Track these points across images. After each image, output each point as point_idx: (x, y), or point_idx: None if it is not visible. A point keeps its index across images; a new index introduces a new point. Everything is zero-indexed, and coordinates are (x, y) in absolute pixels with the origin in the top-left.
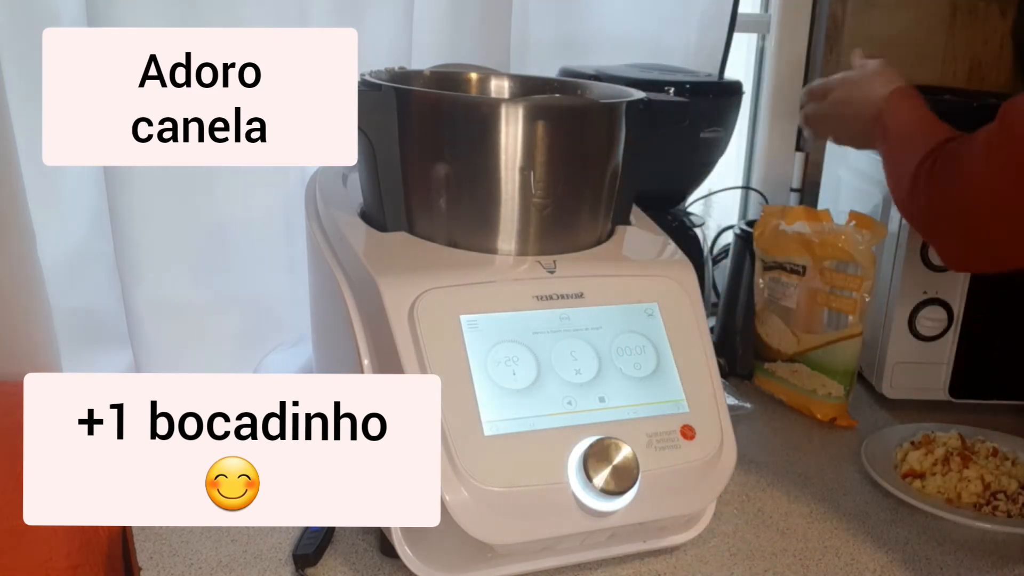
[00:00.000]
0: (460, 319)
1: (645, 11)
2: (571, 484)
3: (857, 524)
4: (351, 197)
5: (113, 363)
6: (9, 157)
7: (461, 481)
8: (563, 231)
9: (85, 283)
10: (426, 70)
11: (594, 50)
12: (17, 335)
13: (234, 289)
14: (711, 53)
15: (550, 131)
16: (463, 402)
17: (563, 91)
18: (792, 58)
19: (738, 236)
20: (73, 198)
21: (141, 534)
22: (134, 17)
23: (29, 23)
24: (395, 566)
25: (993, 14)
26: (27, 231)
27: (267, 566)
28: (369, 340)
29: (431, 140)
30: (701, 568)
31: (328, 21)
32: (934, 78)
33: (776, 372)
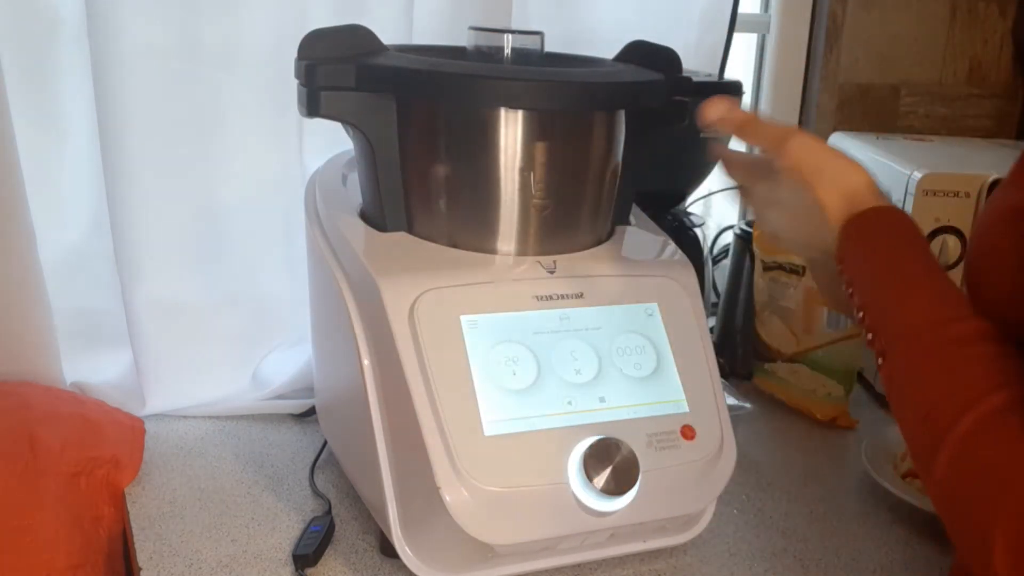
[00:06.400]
0: (460, 319)
1: (645, 11)
2: (571, 484)
3: (857, 524)
4: (351, 197)
5: (113, 363)
6: (9, 157)
7: (461, 481)
8: (563, 231)
9: (85, 283)
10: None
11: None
12: (17, 335)
13: (234, 289)
14: (711, 53)
15: (550, 132)
16: (463, 402)
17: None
18: (792, 58)
19: (738, 236)
20: (73, 198)
21: (141, 534)
22: (134, 17)
23: (29, 23)
24: (395, 566)
25: (993, 14)
26: (27, 231)
27: (267, 566)
28: (369, 340)
29: (431, 141)
30: (701, 568)
31: (328, 20)
32: (934, 78)
33: (776, 372)
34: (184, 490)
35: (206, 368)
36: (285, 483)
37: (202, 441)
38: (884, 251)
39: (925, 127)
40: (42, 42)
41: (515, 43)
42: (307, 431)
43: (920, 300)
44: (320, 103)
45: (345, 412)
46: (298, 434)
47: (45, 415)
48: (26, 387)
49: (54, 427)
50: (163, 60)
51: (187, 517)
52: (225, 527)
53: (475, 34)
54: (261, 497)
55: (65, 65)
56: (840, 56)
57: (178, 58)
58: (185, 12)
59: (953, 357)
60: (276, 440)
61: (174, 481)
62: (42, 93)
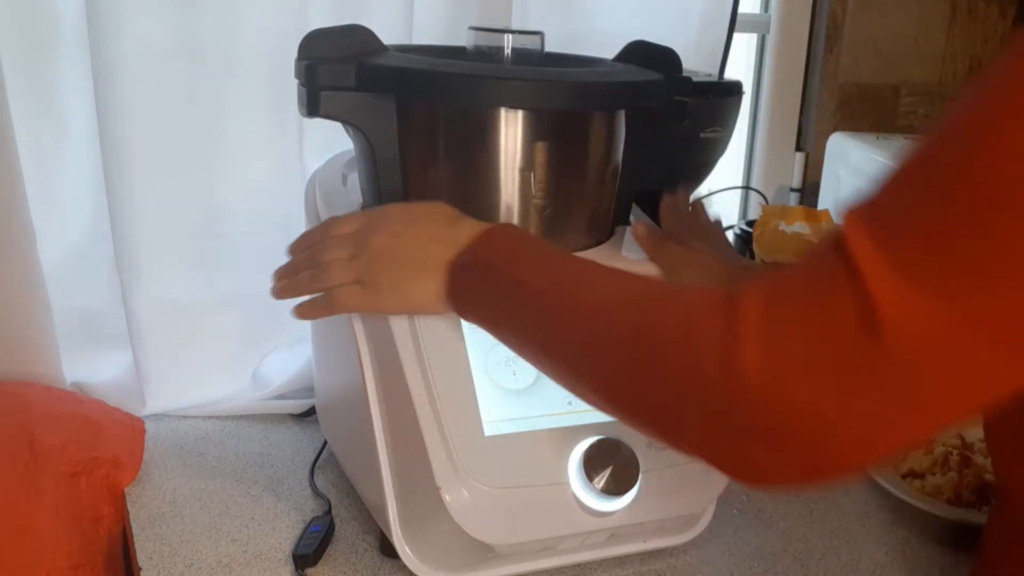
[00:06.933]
0: (460, 319)
1: (645, 11)
2: (571, 484)
3: (857, 524)
4: (351, 197)
5: (113, 363)
6: (9, 157)
7: (461, 481)
8: (563, 232)
9: (85, 283)
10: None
11: (593, 49)
12: (17, 335)
13: (234, 289)
14: (711, 53)
15: (550, 132)
16: (463, 402)
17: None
18: (792, 58)
19: (738, 236)
20: (73, 198)
21: (141, 534)
22: (134, 18)
23: (29, 23)
24: (395, 566)
25: (993, 14)
26: (27, 231)
27: (267, 566)
28: (369, 340)
29: (431, 141)
30: (701, 568)
31: (328, 20)
32: (934, 78)
33: None
34: (184, 490)
35: (206, 368)
36: (285, 483)
37: (202, 441)
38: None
39: (925, 127)
40: (42, 42)
41: (515, 43)
42: (307, 431)
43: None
44: (320, 103)
45: (345, 412)
46: (298, 434)
47: (45, 415)
48: (26, 387)
49: (54, 427)
50: (163, 60)
51: (187, 517)
52: (225, 527)
53: (475, 34)
54: (261, 497)
55: (65, 65)
56: (840, 56)
57: (178, 58)
58: (185, 12)
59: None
60: (276, 440)
61: (174, 481)
62: (42, 93)
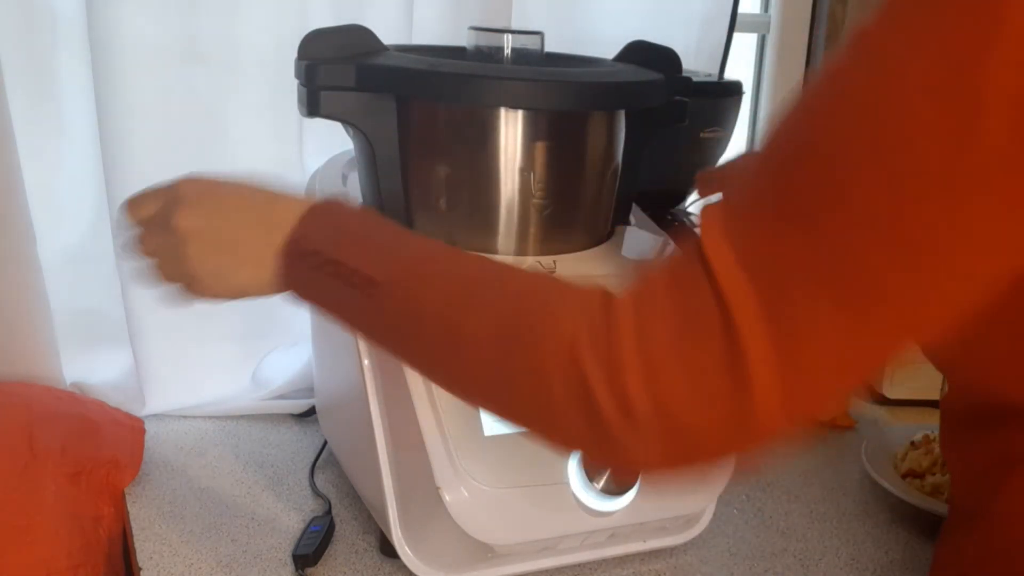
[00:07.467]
0: None
1: (645, 11)
2: (571, 484)
3: (857, 524)
4: (351, 197)
5: (113, 363)
6: (9, 157)
7: (461, 481)
8: (563, 231)
9: (85, 283)
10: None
11: (593, 49)
12: (17, 335)
13: None
14: (711, 53)
15: (550, 132)
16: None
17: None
18: (792, 58)
19: None
20: (73, 198)
21: (141, 534)
22: (135, 17)
23: (29, 23)
24: (395, 566)
25: None
26: (27, 231)
27: (267, 566)
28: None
29: (431, 141)
30: (701, 568)
31: (328, 20)
32: None
33: None
34: (184, 490)
35: (206, 368)
36: (285, 483)
37: (202, 441)
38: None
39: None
40: (42, 42)
41: (515, 43)
42: (307, 431)
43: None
44: (320, 103)
45: (345, 412)
46: (298, 434)
47: (45, 415)
48: (26, 387)
49: (54, 427)
50: (163, 60)
51: (187, 517)
52: (225, 527)
53: (475, 34)
54: (261, 497)
55: (65, 65)
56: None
57: (178, 58)
58: (185, 12)
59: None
60: (276, 440)
61: (174, 481)
62: (42, 93)
